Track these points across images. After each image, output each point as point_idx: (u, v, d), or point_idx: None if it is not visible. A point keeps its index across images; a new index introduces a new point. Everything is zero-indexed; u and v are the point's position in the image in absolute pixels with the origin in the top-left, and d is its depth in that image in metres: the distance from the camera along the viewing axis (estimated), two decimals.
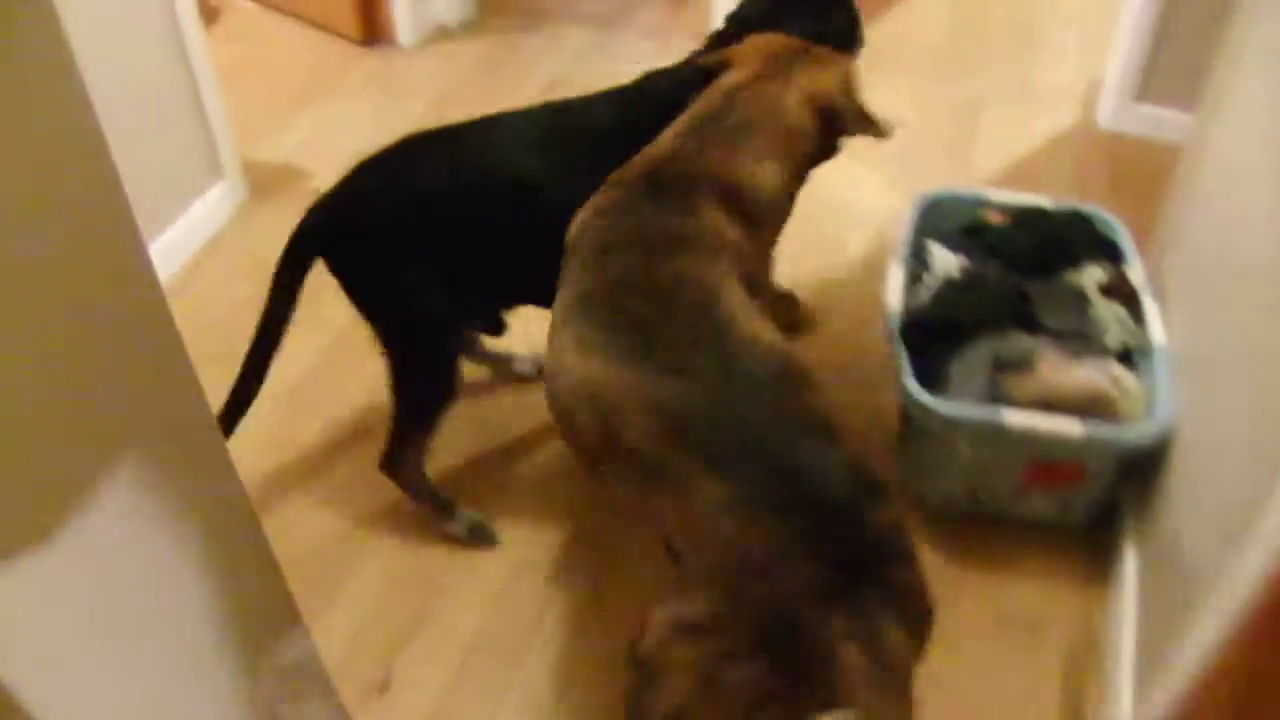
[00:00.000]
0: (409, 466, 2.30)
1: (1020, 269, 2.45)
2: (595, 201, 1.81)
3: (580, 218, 1.81)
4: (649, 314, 1.60)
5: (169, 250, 3.05)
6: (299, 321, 2.20)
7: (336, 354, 2.82)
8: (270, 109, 3.78)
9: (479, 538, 2.38)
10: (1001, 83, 3.78)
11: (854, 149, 2.91)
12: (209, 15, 4.30)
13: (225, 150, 3.22)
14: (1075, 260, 2.45)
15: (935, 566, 2.19)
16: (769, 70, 1.91)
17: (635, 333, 1.59)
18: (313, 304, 2.21)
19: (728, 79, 1.92)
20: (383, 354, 2.18)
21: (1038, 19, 4.18)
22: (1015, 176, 3.31)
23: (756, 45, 1.98)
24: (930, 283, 2.46)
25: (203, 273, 3.10)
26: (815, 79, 1.91)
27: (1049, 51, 3.97)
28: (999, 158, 3.39)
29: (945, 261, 2.51)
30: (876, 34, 4.03)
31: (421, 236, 2.05)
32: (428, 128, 2.18)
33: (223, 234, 3.24)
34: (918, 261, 2.56)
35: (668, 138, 1.87)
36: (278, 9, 4.36)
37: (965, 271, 2.42)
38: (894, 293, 2.39)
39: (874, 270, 2.91)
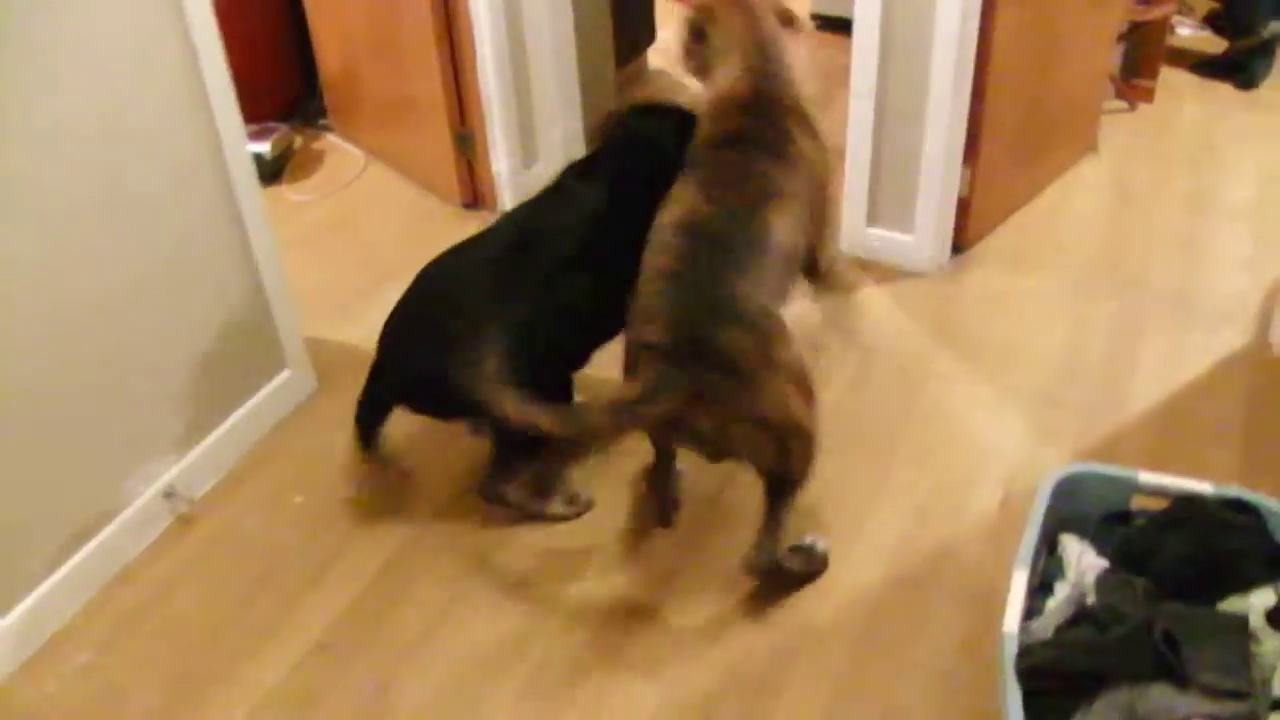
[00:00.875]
0: (509, 488, 2.55)
1: (1170, 585, 2.02)
2: (704, 129, 2.42)
3: (695, 139, 2.41)
4: (723, 177, 2.30)
5: (208, 461, 2.80)
6: None
7: None
8: (359, 275, 3.56)
9: (577, 504, 2.63)
10: (1163, 294, 3.35)
11: (999, 377, 2.93)
12: (314, 158, 4.14)
13: (289, 337, 2.97)
14: (1238, 582, 2.01)
15: None
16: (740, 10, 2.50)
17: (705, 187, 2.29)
18: None
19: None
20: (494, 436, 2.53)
21: (1205, 213, 3.74)
22: (1175, 416, 2.89)
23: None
24: (1061, 595, 2.06)
25: (247, 486, 2.83)
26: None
27: (1217, 253, 3.53)
28: (1158, 390, 2.96)
29: (1083, 563, 2.11)
30: (1026, 230, 3.64)
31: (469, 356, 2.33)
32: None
33: (279, 434, 2.98)
34: (1049, 560, 2.14)
35: (736, 79, 2.46)
36: (382, 159, 4.15)
37: (1103, 590, 2.02)
38: (1013, 611, 1.98)
39: (995, 544, 2.51)
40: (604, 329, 2.51)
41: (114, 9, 2.30)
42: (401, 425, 2.73)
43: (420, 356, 2.42)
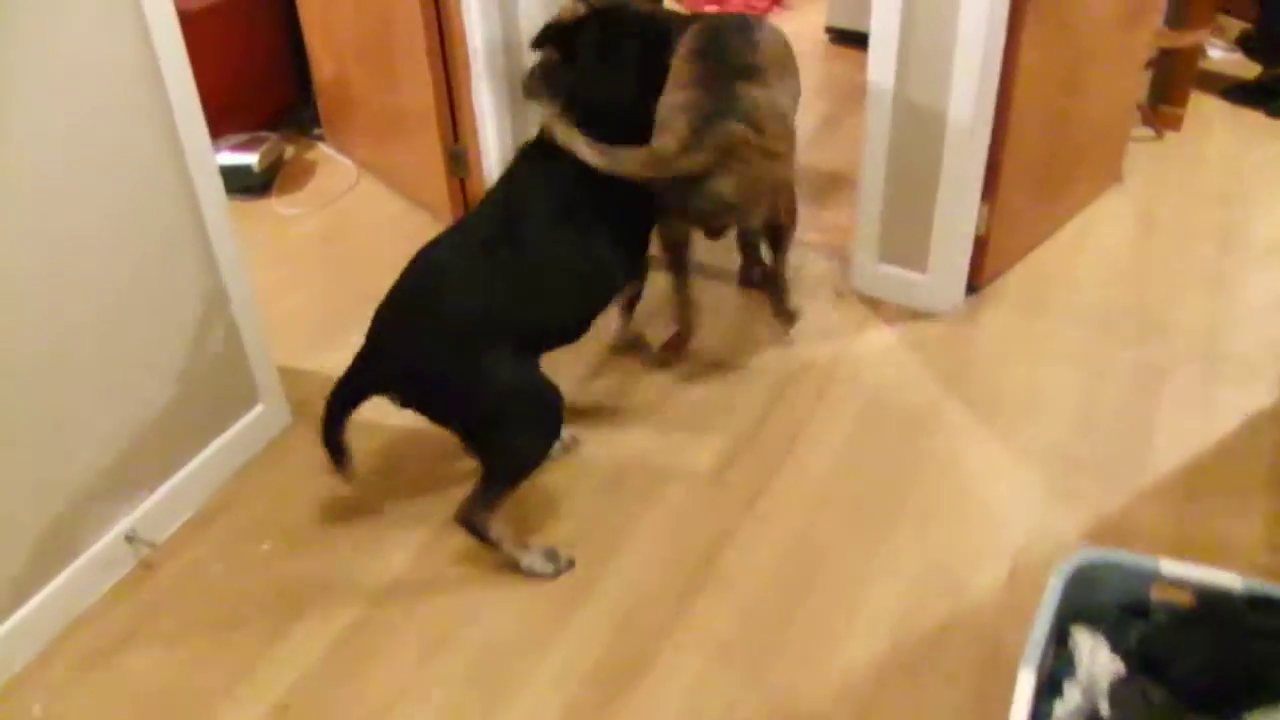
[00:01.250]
0: (491, 520, 2.39)
1: (1192, 695, 1.85)
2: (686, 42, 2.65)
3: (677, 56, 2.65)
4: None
5: (173, 502, 2.66)
6: None
7: None
8: (343, 299, 3.39)
9: (556, 562, 2.47)
10: (1190, 340, 3.16)
11: (1013, 431, 2.82)
12: (306, 169, 4.00)
13: (262, 369, 2.82)
14: (1267, 694, 1.84)
15: None
16: None
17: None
18: None
19: None
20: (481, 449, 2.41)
21: (1235, 250, 3.56)
22: (1199, 479, 2.70)
23: None
24: (1072, 701, 1.91)
25: (213, 529, 2.68)
26: None
27: (1247, 294, 3.35)
28: (1181, 450, 2.78)
29: (1096, 663, 1.95)
30: (1045, 268, 3.47)
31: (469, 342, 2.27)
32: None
33: (249, 473, 2.83)
34: (1060, 651, 1.97)
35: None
36: (374, 173, 4.00)
37: (1117, 700, 1.87)
38: (1019, 716, 1.80)
39: (1002, 623, 2.35)
40: (605, 288, 2.59)
41: (69, 17, 2.15)
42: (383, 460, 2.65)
43: (417, 339, 2.31)
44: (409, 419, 2.41)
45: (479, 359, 2.26)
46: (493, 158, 3.53)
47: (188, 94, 2.43)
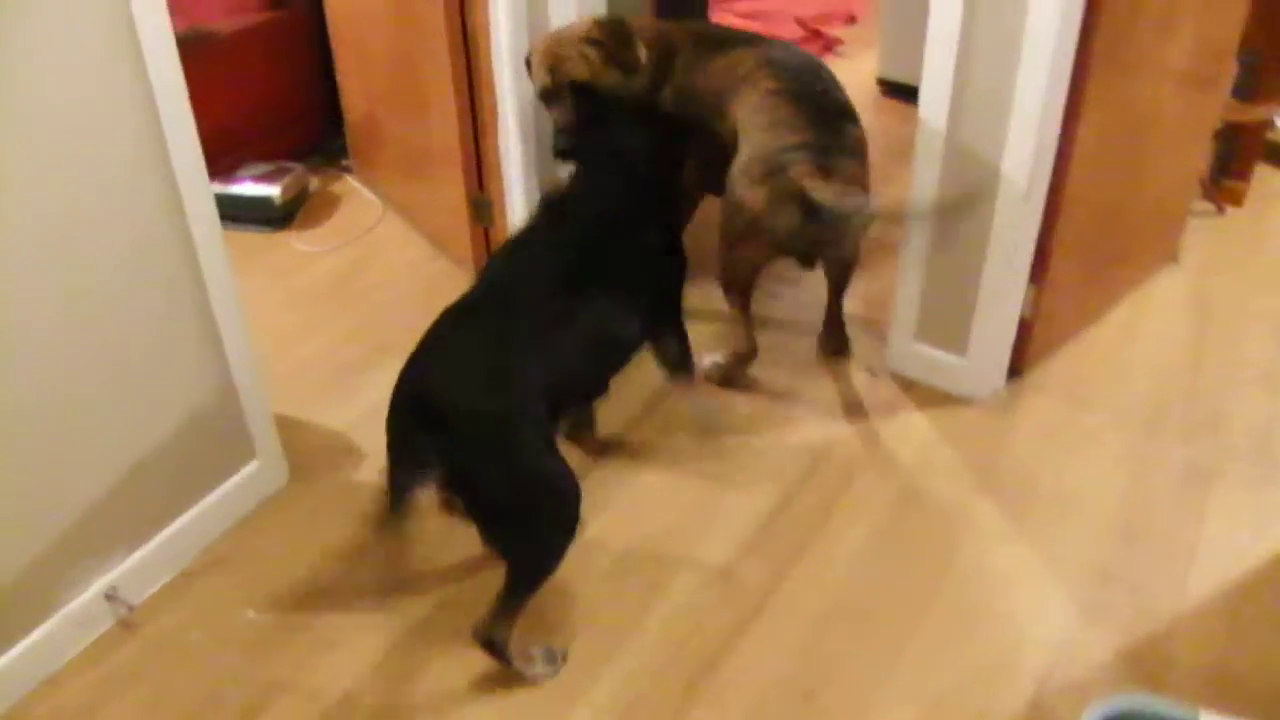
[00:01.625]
0: (510, 636, 2.26)
1: None
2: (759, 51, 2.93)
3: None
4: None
5: (158, 559, 2.55)
6: None
7: None
8: (354, 348, 3.29)
9: (555, 663, 2.37)
10: (1242, 441, 2.97)
11: (1048, 536, 2.65)
12: (330, 203, 3.91)
13: (259, 424, 2.71)
14: None
15: None
16: None
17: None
18: None
19: None
20: (506, 543, 2.24)
21: None
22: (1244, 598, 2.51)
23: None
24: None
25: (197, 591, 2.57)
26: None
27: None
28: (1226, 565, 2.59)
29: None
30: (1092, 354, 3.28)
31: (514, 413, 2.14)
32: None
33: (240, 532, 2.71)
34: None
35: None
36: (399, 212, 3.88)
37: None
38: None
39: None
40: (624, 348, 2.56)
41: (54, 55, 2.04)
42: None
43: (465, 411, 2.11)
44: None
45: (523, 426, 2.15)
46: (517, 210, 3.39)
47: (188, 139, 2.32)
